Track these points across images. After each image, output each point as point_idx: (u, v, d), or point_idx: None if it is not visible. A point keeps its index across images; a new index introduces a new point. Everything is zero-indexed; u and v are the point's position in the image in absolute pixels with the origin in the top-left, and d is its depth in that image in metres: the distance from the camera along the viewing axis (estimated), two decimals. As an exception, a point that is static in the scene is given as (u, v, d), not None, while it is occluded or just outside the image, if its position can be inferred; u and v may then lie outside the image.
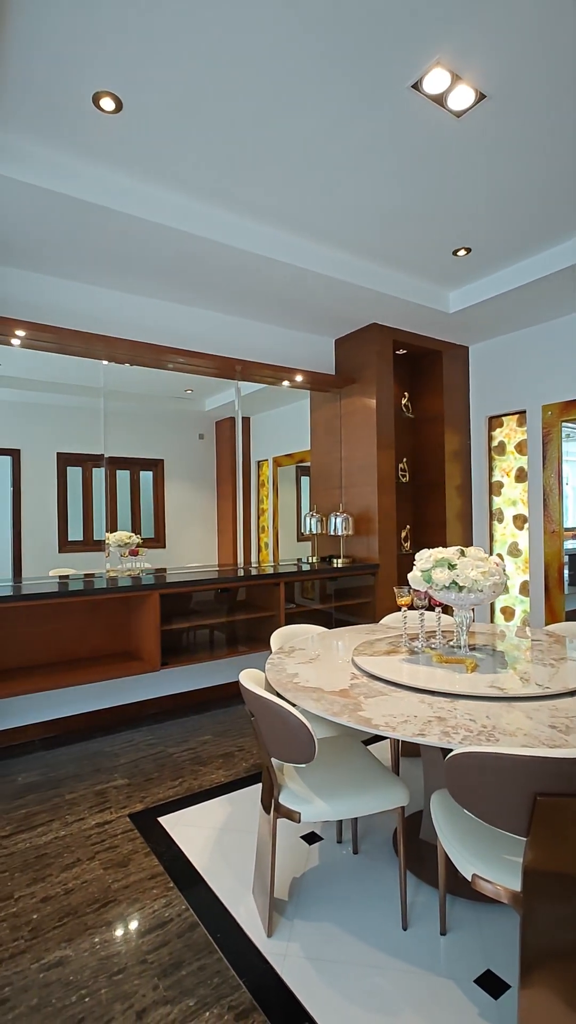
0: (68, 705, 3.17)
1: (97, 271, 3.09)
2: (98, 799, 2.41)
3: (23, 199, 2.36)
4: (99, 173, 2.39)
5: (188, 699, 3.57)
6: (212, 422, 4.10)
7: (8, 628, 2.94)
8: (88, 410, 3.43)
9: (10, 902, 1.78)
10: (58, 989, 1.45)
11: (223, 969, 1.50)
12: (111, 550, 3.44)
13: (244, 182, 2.48)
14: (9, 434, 3.25)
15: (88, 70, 1.85)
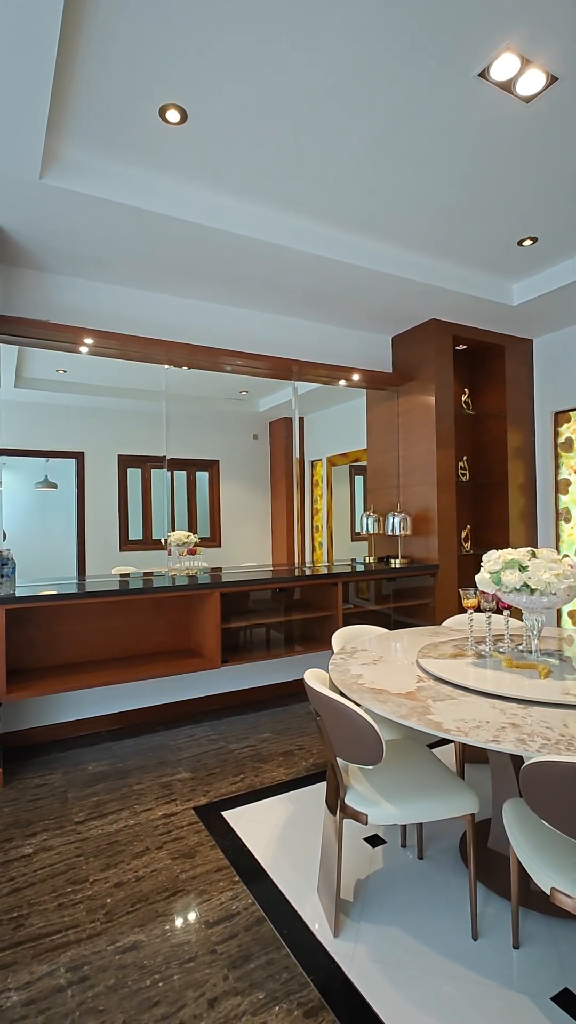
0: (133, 699, 3.28)
1: (158, 278, 3.18)
2: (164, 791, 2.48)
3: (90, 212, 2.46)
4: (163, 183, 2.46)
5: (246, 696, 3.62)
6: (266, 423, 4.14)
7: (79, 624, 3.08)
8: (147, 413, 3.54)
9: (85, 885, 1.86)
10: (133, 972, 1.51)
11: (291, 965, 1.51)
12: (172, 549, 3.53)
13: (302, 184, 2.49)
14: (74, 438, 3.40)
15: (156, 85, 1.91)
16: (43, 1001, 1.42)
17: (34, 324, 2.83)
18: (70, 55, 1.78)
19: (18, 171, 2.18)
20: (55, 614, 3.02)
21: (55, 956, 1.56)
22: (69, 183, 2.28)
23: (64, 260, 2.93)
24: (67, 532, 3.38)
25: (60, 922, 1.70)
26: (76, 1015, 1.38)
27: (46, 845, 2.09)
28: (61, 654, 3.04)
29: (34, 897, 1.81)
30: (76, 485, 3.41)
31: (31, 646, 2.96)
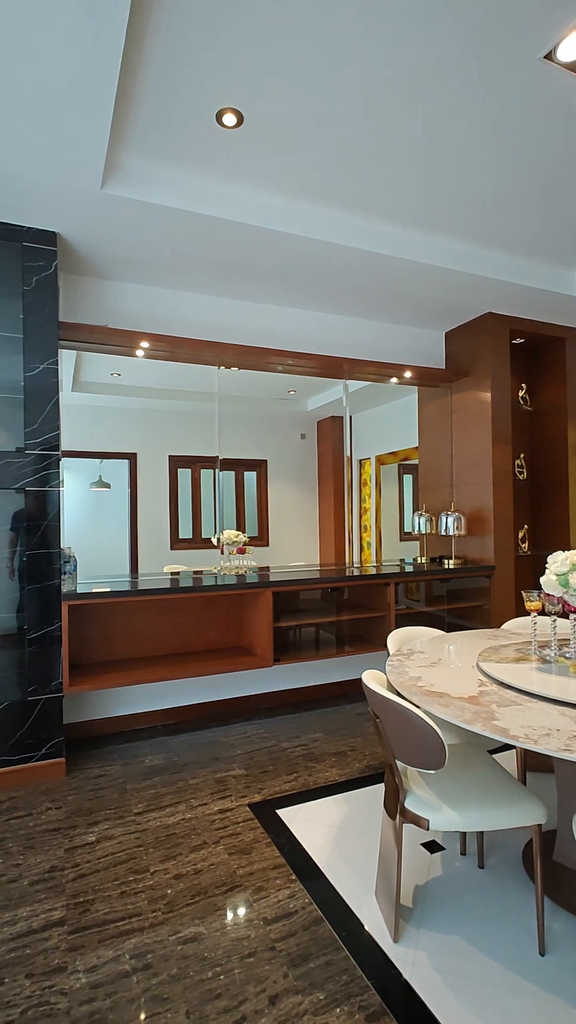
0: (186, 695, 3.34)
1: (211, 281, 3.22)
2: (219, 786, 2.52)
3: (148, 219, 2.52)
4: (219, 187, 2.49)
5: (297, 696, 3.62)
6: (313, 422, 4.13)
7: (136, 620, 3.17)
8: (196, 414, 3.60)
9: (146, 875, 1.91)
10: (195, 963, 1.53)
11: (350, 968, 1.50)
12: (224, 548, 3.58)
13: (356, 180, 2.46)
14: (127, 439, 3.49)
15: (213, 89, 1.93)
16: (110, 985, 1.46)
17: (93, 329, 2.93)
18: (131, 66, 1.82)
19: (81, 183, 2.26)
20: (113, 610, 3.11)
21: (120, 942, 1.61)
22: (128, 192, 2.34)
23: (121, 266, 3.01)
24: (120, 531, 3.47)
25: (123, 909, 1.75)
26: (141, 1001, 1.41)
27: (108, 834, 2.16)
28: (118, 649, 3.13)
29: (98, 884, 1.87)
30: (129, 485, 3.50)
31: (91, 641, 3.06)
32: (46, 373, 2.63)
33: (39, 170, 2.19)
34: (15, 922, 1.69)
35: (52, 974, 1.50)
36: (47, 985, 1.47)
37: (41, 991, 1.45)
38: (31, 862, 1.99)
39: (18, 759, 2.57)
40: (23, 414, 2.60)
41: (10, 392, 2.62)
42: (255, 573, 3.50)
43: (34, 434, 2.61)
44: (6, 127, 1.97)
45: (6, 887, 1.85)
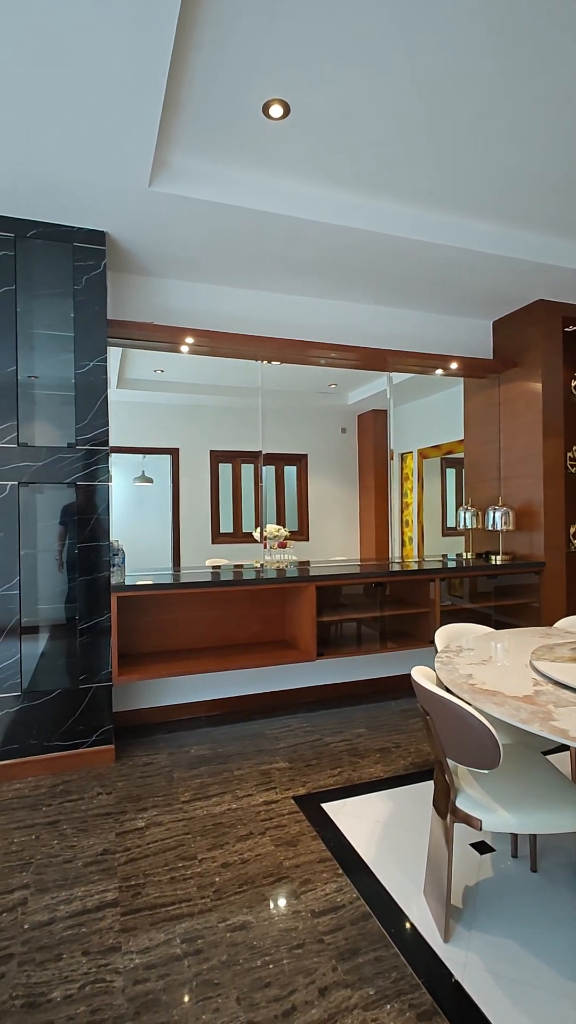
0: (229, 687, 3.38)
1: (255, 275, 3.23)
2: (263, 778, 2.54)
3: (194, 215, 2.54)
4: (265, 181, 2.49)
5: (339, 690, 3.61)
6: (354, 416, 4.09)
7: (181, 613, 3.22)
8: (237, 410, 3.62)
9: (194, 863, 1.94)
10: (244, 951, 1.55)
11: (400, 965, 1.49)
12: (267, 542, 3.59)
13: (401, 168, 2.41)
14: (170, 435, 3.55)
15: (259, 81, 1.92)
16: (162, 967, 1.50)
17: (140, 326, 2.98)
18: (177, 63, 1.83)
19: (130, 182, 2.30)
20: (160, 602, 3.17)
21: (171, 926, 1.64)
22: (175, 188, 2.36)
23: (166, 263, 3.05)
24: (162, 525, 3.54)
25: (173, 895, 1.78)
26: (193, 985, 1.44)
27: (156, 820, 2.20)
28: (165, 641, 3.20)
29: (148, 868, 1.91)
30: (171, 480, 3.56)
31: (138, 632, 3.13)
32: (96, 370, 2.70)
33: (90, 171, 2.24)
34: (71, 901, 1.76)
35: (107, 953, 1.55)
36: (103, 963, 1.51)
37: (97, 968, 1.50)
38: (84, 844, 2.05)
39: (70, 745, 2.65)
40: (74, 411, 2.67)
41: (62, 389, 2.69)
42: (295, 567, 3.50)
43: (84, 430, 2.68)
44: (60, 131, 2.01)
45: (62, 867, 1.92)
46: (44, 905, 1.74)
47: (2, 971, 1.49)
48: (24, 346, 2.62)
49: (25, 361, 2.62)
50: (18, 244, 2.58)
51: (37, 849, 2.02)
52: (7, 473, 2.57)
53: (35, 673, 2.65)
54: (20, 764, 2.57)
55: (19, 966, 1.51)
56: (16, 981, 1.46)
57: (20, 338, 2.59)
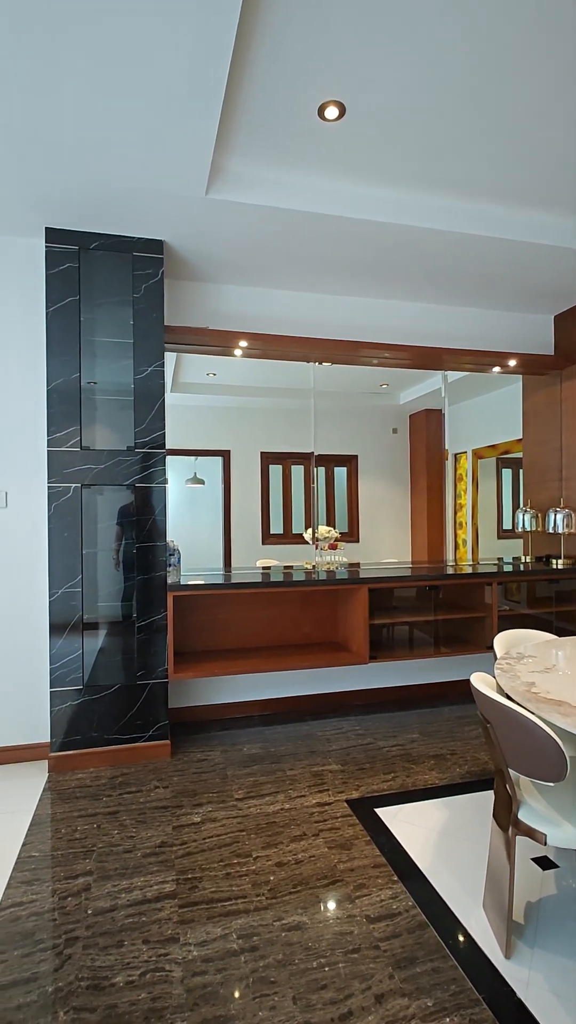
0: (282, 687, 3.40)
1: (307, 277, 3.23)
2: (316, 780, 2.54)
3: (250, 220, 2.57)
4: (321, 183, 2.49)
5: (391, 694, 3.57)
6: (406, 416, 4.03)
7: (233, 612, 3.27)
8: (288, 411, 3.63)
9: (249, 860, 1.97)
10: (299, 951, 1.55)
11: (459, 978, 1.45)
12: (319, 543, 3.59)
13: (456, 162, 2.36)
14: (221, 437, 3.60)
15: (315, 84, 1.93)
16: (220, 961, 1.52)
17: (196, 331, 3.05)
18: (233, 72, 1.86)
19: (187, 190, 2.36)
20: (213, 602, 3.23)
21: (227, 921, 1.67)
22: (231, 195, 2.40)
23: (221, 269, 3.10)
24: (213, 525, 3.59)
25: (229, 891, 1.81)
26: (250, 980, 1.46)
27: (211, 816, 2.24)
28: (218, 639, 3.25)
29: (204, 863, 1.95)
30: (222, 481, 3.61)
31: (192, 631, 3.20)
32: (153, 375, 2.78)
33: (150, 182, 2.31)
34: (131, 890, 1.81)
35: (166, 943, 1.59)
36: (162, 953, 1.55)
37: (157, 958, 1.54)
38: (143, 835, 2.11)
39: (128, 738, 2.74)
40: (132, 415, 2.76)
41: (122, 394, 2.79)
42: (345, 569, 3.48)
43: (142, 433, 2.76)
44: (123, 146, 2.09)
45: (122, 856, 1.99)
46: (106, 892, 1.80)
47: (69, 953, 1.55)
48: (86, 354, 2.72)
49: (87, 368, 2.73)
50: (82, 256, 2.70)
51: (99, 838, 2.10)
52: (71, 476, 2.68)
53: (95, 668, 2.75)
54: (82, 755, 2.68)
55: (84, 949, 1.57)
56: (82, 963, 1.52)
57: (83, 346, 2.70)
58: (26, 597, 2.81)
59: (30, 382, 2.81)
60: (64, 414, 2.67)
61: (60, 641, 2.66)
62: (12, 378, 2.80)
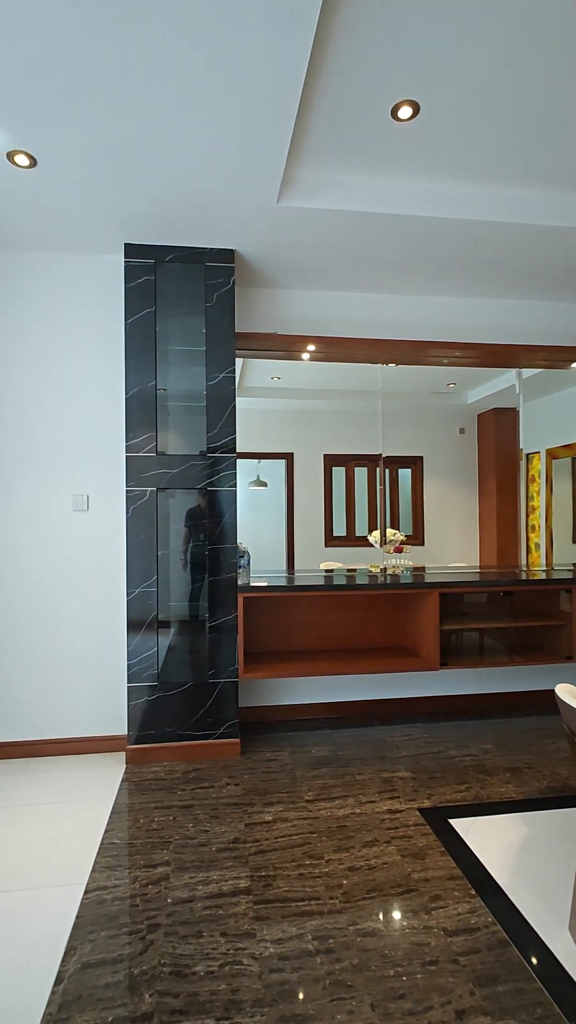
0: (349, 691, 3.38)
1: (374, 279, 3.21)
2: (386, 786, 2.51)
3: (320, 225, 2.59)
4: (393, 183, 2.48)
5: (461, 703, 3.47)
6: (473, 415, 3.91)
7: (300, 614, 3.29)
8: (352, 413, 3.61)
9: (321, 862, 1.97)
10: (375, 957, 1.54)
11: (545, 1002, 1.39)
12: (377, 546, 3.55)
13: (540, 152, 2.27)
14: (285, 439, 3.63)
15: (388, 85, 1.92)
16: (295, 960, 1.54)
17: (265, 337, 3.10)
18: (308, 79, 1.88)
19: (259, 199, 2.41)
20: (282, 604, 3.26)
21: (302, 922, 1.68)
22: (302, 201, 2.43)
23: (289, 274, 3.14)
24: (275, 528, 3.62)
25: (302, 891, 1.82)
26: (326, 983, 1.46)
27: (282, 816, 2.27)
28: (285, 641, 3.28)
29: (277, 862, 1.97)
30: (285, 484, 3.64)
31: (260, 632, 3.25)
32: (225, 381, 2.85)
33: (222, 194, 2.38)
34: (208, 883, 1.86)
35: (243, 938, 1.62)
36: (239, 947, 1.59)
37: (235, 951, 1.57)
38: (216, 830, 2.17)
39: (200, 735, 2.82)
40: (205, 420, 2.85)
41: (195, 401, 2.88)
42: (410, 572, 3.42)
43: (214, 438, 2.84)
44: (198, 160, 2.16)
45: (198, 849, 2.04)
46: (184, 883, 1.86)
47: (151, 939, 1.62)
48: (161, 362, 2.83)
49: (162, 376, 2.84)
50: (157, 269, 2.81)
51: (174, 830, 2.17)
52: (147, 480, 2.79)
53: (168, 666, 2.85)
54: (156, 749, 2.78)
55: (165, 936, 1.63)
56: (163, 950, 1.58)
57: (158, 355, 2.81)
58: (106, 596, 2.95)
59: (110, 391, 2.96)
60: (141, 421, 2.79)
61: (137, 638, 2.78)
62: (95, 388, 2.95)
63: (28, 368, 2.91)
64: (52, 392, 2.93)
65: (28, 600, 2.90)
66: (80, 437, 2.95)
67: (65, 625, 2.93)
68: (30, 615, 2.90)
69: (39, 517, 2.92)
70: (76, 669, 2.93)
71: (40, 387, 2.92)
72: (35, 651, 2.91)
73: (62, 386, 2.94)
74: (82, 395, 2.95)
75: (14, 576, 2.90)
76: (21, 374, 2.91)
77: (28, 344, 2.91)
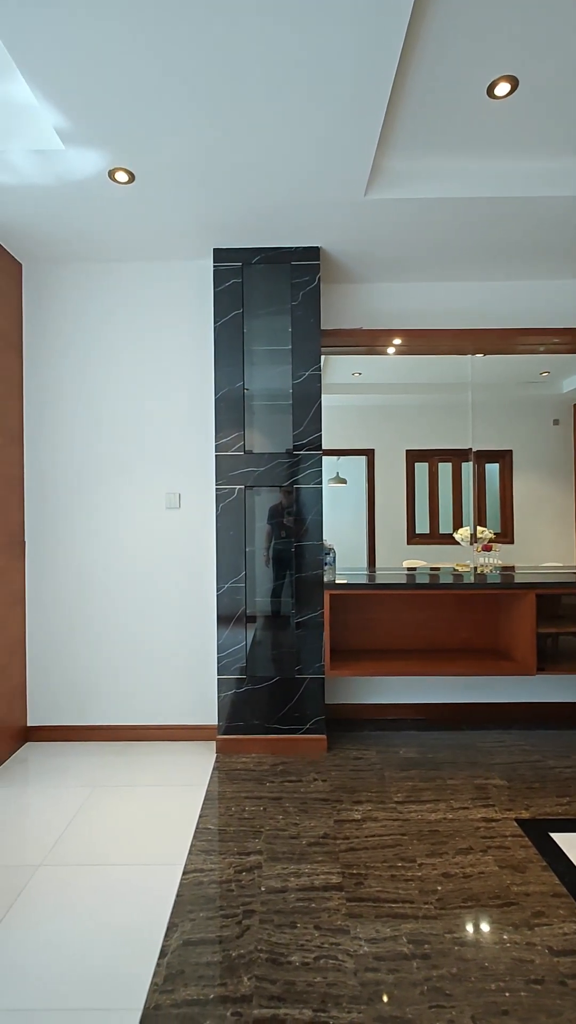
0: (435, 692, 3.29)
1: (462, 266, 3.09)
2: (479, 793, 2.42)
3: (408, 216, 2.53)
4: (487, 165, 2.37)
5: (561, 711, 3.27)
6: (569, 405, 3.65)
7: (386, 613, 3.24)
8: (435, 406, 3.50)
9: (414, 866, 1.93)
10: (475, 969, 1.49)
11: None
12: (464, 544, 3.42)
13: None
14: (365, 436, 3.57)
15: (485, 62, 1.83)
16: (391, 962, 1.52)
17: (350, 333, 3.08)
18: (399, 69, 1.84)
19: (346, 195, 2.39)
20: (368, 602, 3.23)
21: (395, 924, 1.66)
22: (390, 193, 2.39)
23: (374, 268, 3.09)
24: (355, 525, 3.58)
25: (395, 893, 1.80)
26: (424, 988, 1.43)
27: (371, 816, 2.25)
28: (370, 639, 3.25)
29: (368, 861, 1.96)
30: (366, 481, 3.59)
31: (345, 629, 3.24)
32: (310, 379, 2.86)
33: (309, 192, 2.39)
34: (299, 875, 1.88)
35: (337, 933, 1.62)
36: (333, 942, 1.59)
37: (329, 945, 1.58)
38: (306, 824, 2.19)
39: (286, 729, 2.86)
40: (291, 419, 2.87)
41: (280, 399, 2.91)
42: (499, 572, 3.27)
43: (300, 436, 2.86)
44: (285, 159, 2.18)
45: (289, 841, 2.07)
46: (276, 873, 1.89)
47: (247, 924, 1.66)
48: (247, 363, 2.89)
49: (248, 376, 2.90)
50: (244, 271, 2.87)
51: (265, 820, 2.22)
52: (235, 478, 2.87)
53: (254, 660, 2.91)
54: (244, 740, 2.85)
55: (260, 923, 1.66)
56: (259, 936, 1.61)
57: (245, 355, 2.87)
58: (196, 590, 3.07)
59: (200, 393, 3.07)
60: (229, 421, 2.87)
61: (226, 632, 2.86)
62: (186, 390, 3.07)
63: (127, 375, 3.08)
64: (147, 395, 3.08)
65: (127, 592, 3.08)
66: (173, 438, 3.08)
67: (159, 617, 3.08)
68: (128, 607, 3.08)
69: (136, 514, 3.08)
70: (168, 659, 3.07)
71: (137, 391, 3.08)
72: (132, 640, 3.07)
73: (156, 389, 3.08)
74: (174, 397, 3.08)
75: (115, 570, 3.08)
76: (122, 381, 3.08)
77: (128, 352, 3.08)
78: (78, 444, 3.08)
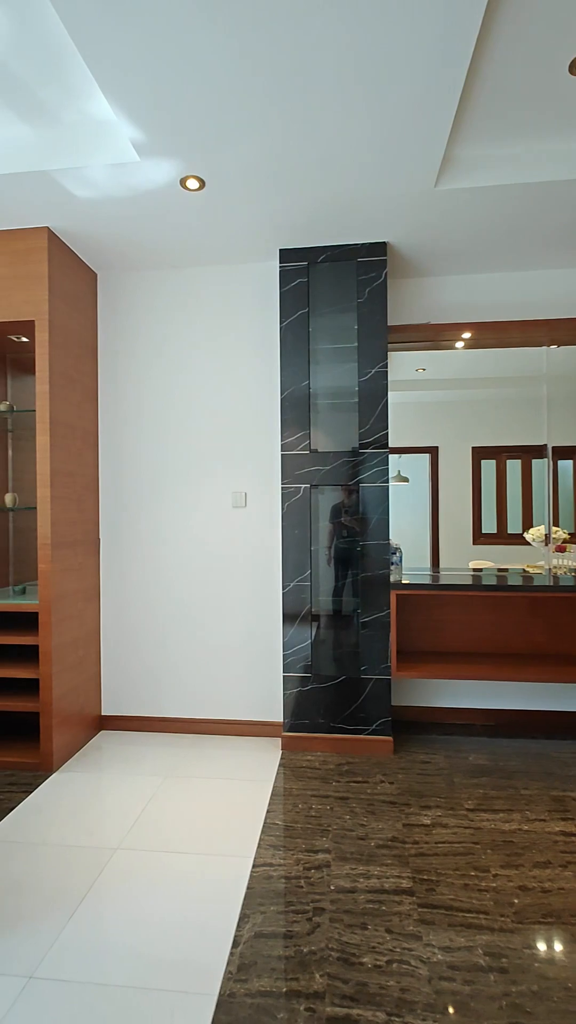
0: (505, 698, 3.18)
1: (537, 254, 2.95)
2: (556, 805, 2.31)
3: (479, 205, 2.45)
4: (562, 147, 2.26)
5: None
6: None
7: (453, 614, 3.16)
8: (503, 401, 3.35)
9: (487, 876, 1.87)
10: (558, 988, 1.43)
11: None
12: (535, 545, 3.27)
13: None
14: (429, 433, 3.48)
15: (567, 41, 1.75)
16: (467, 973, 1.48)
17: (417, 328, 3.02)
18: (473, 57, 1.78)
19: (415, 186, 2.34)
20: (435, 602, 3.16)
21: (470, 934, 1.61)
22: (462, 182, 2.32)
23: (442, 260, 3.01)
24: (418, 524, 3.49)
25: (469, 903, 1.75)
26: (503, 1003, 1.38)
27: (441, 821, 2.20)
28: (437, 641, 3.17)
29: (440, 867, 1.92)
30: (430, 479, 3.49)
31: (412, 630, 3.18)
32: (377, 377, 2.83)
33: (377, 187, 2.36)
34: (369, 876, 1.87)
35: (409, 938, 1.60)
36: (405, 947, 1.57)
37: (401, 950, 1.56)
38: (374, 826, 2.17)
39: (352, 729, 2.84)
40: (357, 417, 2.85)
41: (345, 398, 2.90)
42: (573, 575, 3.10)
43: (367, 434, 2.84)
44: (353, 156, 2.16)
45: (356, 842, 2.06)
46: (345, 873, 1.89)
47: (318, 921, 1.67)
48: (313, 361, 2.90)
49: (313, 375, 2.90)
50: (310, 270, 2.88)
51: (332, 820, 2.21)
52: (301, 477, 2.88)
53: (317, 658, 2.91)
54: (309, 738, 2.86)
55: (330, 922, 1.66)
56: (330, 935, 1.61)
57: (311, 355, 2.88)
58: (262, 588, 3.11)
59: (266, 392, 3.10)
60: (294, 420, 2.88)
61: (291, 630, 2.88)
62: (251, 391, 3.12)
63: (194, 377, 3.16)
64: (214, 397, 3.15)
65: (195, 589, 3.16)
66: (239, 438, 3.13)
67: (225, 613, 3.14)
68: (196, 603, 3.16)
69: (204, 514, 3.16)
70: (234, 656, 3.12)
71: (203, 393, 3.15)
72: (200, 635, 3.15)
73: (222, 390, 3.14)
74: (240, 398, 3.13)
75: (183, 568, 3.17)
76: (189, 384, 3.16)
77: (195, 355, 3.16)
78: (149, 446, 3.19)
